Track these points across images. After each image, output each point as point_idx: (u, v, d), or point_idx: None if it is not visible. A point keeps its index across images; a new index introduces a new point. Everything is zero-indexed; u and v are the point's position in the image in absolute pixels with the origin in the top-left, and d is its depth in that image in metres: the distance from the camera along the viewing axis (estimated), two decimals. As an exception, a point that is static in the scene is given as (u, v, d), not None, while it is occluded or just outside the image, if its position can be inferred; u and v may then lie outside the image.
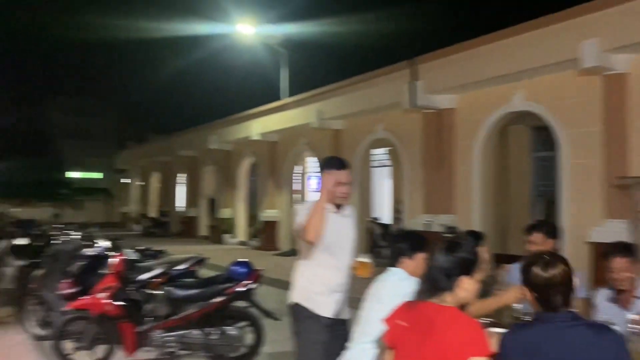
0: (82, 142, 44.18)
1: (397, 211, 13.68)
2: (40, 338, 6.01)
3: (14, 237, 9.73)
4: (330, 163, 3.47)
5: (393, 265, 2.98)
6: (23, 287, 7.71)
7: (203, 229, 22.31)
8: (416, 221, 11.17)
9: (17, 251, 9.19)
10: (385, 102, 11.94)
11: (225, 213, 20.39)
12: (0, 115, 40.53)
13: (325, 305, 3.32)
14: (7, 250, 9.19)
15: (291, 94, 17.56)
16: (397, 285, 2.83)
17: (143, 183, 31.03)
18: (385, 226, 13.74)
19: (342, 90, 13.52)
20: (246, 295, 5.17)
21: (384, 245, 12.08)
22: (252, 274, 5.27)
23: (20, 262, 8.77)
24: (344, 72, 14.28)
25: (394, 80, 11.52)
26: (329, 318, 3.31)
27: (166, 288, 5.12)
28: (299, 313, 3.35)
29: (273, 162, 17.58)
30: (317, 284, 3.33)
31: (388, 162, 14.77)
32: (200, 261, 6.01)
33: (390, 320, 2.34)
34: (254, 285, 5.20)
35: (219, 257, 11.86)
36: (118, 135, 41.06)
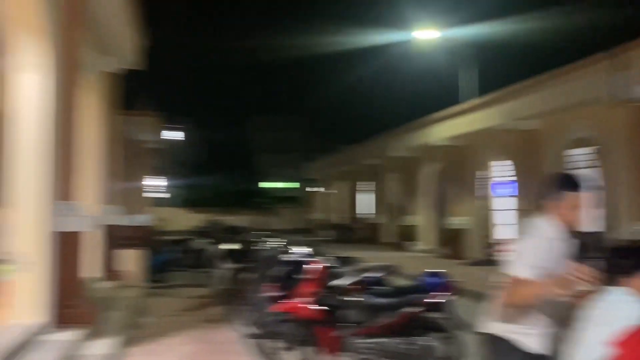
0: (277, 155, 48.24)
1: (605, 218, 12.23)
2: (248, 336, 6.61)
3: (226, 242, 10.93)
4: (566, 183, 2.88)
5: (612, 284, 2.64)
6: (234, 289, 8.61)
7: (387, 235, 22.56)
8: (627, 229, 9.86)
9: (229, 255, 10.30)
10: (585, 97, 10.81)
11: (409, 220, 20.36)
12: (211, 134, 46.21)
13: (533, 339, 2.90)
14: (221, 255, 10.36)
15: (475, 96, 16.92)
16: (620, 306, 2.50)
17: (330, 191, 32.61)
18: (589, 235, 12.38)
19: (532, 88, 12.60)
20: (441, 306, 5.06)
21: (591, 256, 10.88)
22: (447, 284, 5.14)
23: (232, 265, 9.81)
24: (532, 70, 13.32)
25: (594, 73, 10.39)
26: (534, 354, 2.89)
27: (362, 295, 5.25)
28: (498, 345, 2.96)
29: (458, 167, 17.07)
30: (524, 316, 2.87)
31: (590, 163, 13.33)
32: (392, 269, 6.06)
33: (620, 345, 2.07)
34: (450, 297, 5.08)
35: (406, 264, 11.84)
36: (308, 148, 43.91)
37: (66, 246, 5.57)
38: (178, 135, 42.23)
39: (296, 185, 44.89)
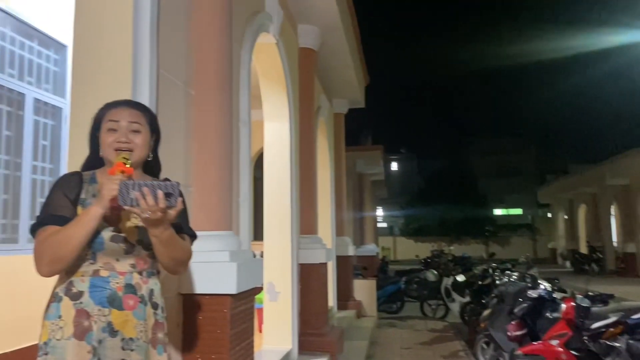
0: (503, 179, 45.80)
1: None
2: (490, 376, 6.17)
3: (454, 273, 10.59)
4: None
5: None
6: (469, 323, 8.22)
7: (646, 267, 19.42)
8: None
9: (460, 288, 9.95)
10: None
11: (675, 249, 17.22)
12: (431, 161, 46.28)
13: None
14: (452, 287, 10.07)
15: None
16: None
17: (567, 217, 29.57)
18: None
19: None
20: None
21: None
22: None
23: (462, 299, 9.45)
24: None
25: None
26: None
27: (627, 341, 4.48)
28: None
29: None
30: None
31: None
32: (662, 310, 5.07)
33: None
34: None
35: (678, 303, 9.93)
36: (537, 170, 40.80)
37: (310, 277, 5.98)
38: (399, 165, 43.25)
39: (522, 211, 41.87)
